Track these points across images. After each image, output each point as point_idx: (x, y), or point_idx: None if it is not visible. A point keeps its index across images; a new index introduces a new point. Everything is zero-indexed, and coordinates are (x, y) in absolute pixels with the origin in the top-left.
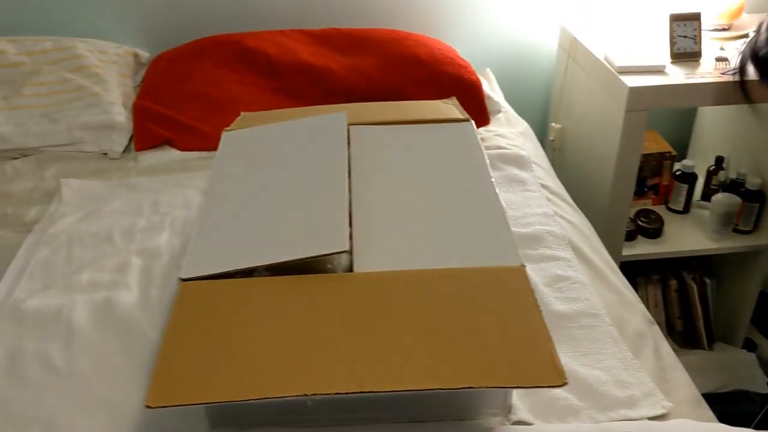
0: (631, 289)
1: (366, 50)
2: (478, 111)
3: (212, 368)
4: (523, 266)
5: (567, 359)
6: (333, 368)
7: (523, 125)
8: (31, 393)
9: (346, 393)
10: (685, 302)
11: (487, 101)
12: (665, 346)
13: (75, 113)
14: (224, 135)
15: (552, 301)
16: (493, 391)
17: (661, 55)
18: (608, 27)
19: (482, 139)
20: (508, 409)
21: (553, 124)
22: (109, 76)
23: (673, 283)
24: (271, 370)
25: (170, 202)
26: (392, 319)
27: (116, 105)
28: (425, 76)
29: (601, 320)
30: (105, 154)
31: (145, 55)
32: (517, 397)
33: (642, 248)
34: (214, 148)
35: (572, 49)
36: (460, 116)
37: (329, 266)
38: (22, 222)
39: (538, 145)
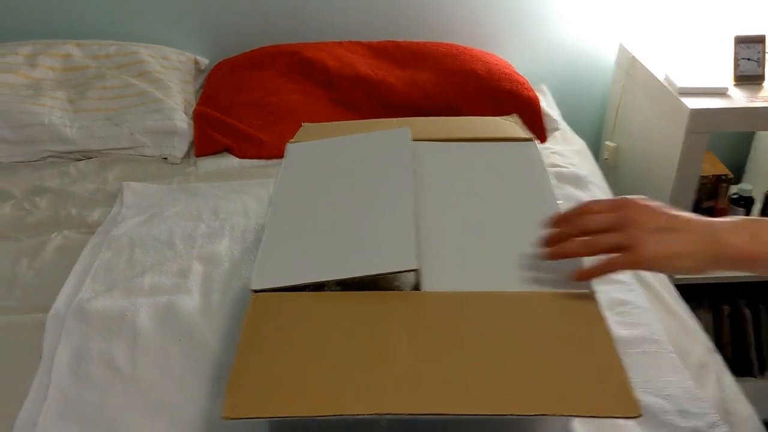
0: (692, 315)
1: (423, 64)
2: (536, 128)
3: (286, 382)
4: (594, 292)
5: None
6: (404, 388)
7: (579, 143)
8: (96, 393)
9: (419, 414)
10: (738, 329)
11: (544, 118)
12: (728, 377)
13: (137, 118)
14: (289, 146)
15: (612, 325)
16: (556, 418)
17: (724, 77)
18: (668, 47)
19: None
20: None
21: (607, 143)
22: (171, 82)
23: (726, 308)
24: (343, 387)
25: (229, 208)
26: (461, 341)
27: (178, 111)
28: (482, 92)
29: (663, 347)
30: (165, 159)
31: (205, 62)
32: (576, 422)
33: None
34: (272, 156)
35: (630, 68)
36: (523, 135)
37: (396, 283)
38: (86, 223)
39: (595, 164)
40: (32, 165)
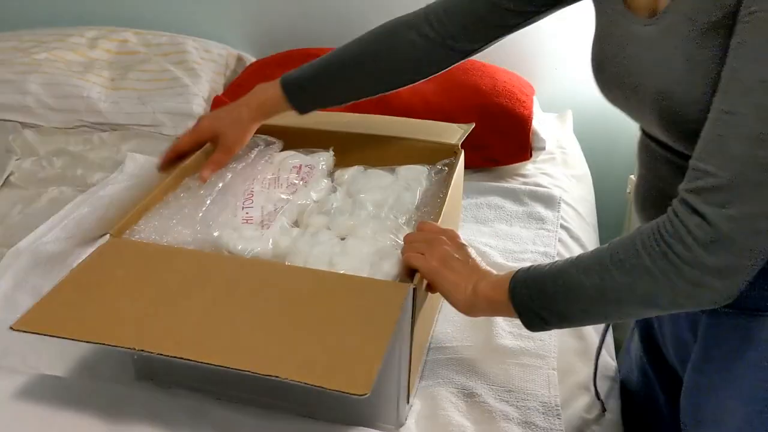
0: (600, 340)
1: (435, 76)
2: (521, 145)
3: (83, 311)
4: (413, 286)
5: (485, 391)
6: (177, 333)
7: (581, 169)
8: (12, 318)
9: (168, 356)
10: None
11: (532, 137)
12: (613, 402)
13: (162, 99)
14: None
15: (503, 335)
16: (386, 404)
17: None
18: None
19: (524, 174)
20: (400, 424)
21: (631, 176)
22: (203, 71)
23: None
24: (127, 324)
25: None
26: (258, 305)
27: (198, 97)
28: (477, 105)
29: (545, 362)
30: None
31: (251, 59)
32: (415, 418)
33: None
34: None
35: None
36: (453, 141)
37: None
38: (85, 183)
39: (591, 191)
40: (66, 131)
